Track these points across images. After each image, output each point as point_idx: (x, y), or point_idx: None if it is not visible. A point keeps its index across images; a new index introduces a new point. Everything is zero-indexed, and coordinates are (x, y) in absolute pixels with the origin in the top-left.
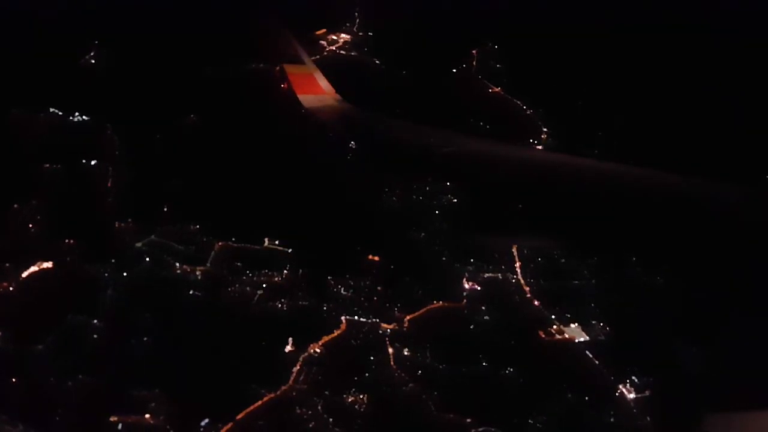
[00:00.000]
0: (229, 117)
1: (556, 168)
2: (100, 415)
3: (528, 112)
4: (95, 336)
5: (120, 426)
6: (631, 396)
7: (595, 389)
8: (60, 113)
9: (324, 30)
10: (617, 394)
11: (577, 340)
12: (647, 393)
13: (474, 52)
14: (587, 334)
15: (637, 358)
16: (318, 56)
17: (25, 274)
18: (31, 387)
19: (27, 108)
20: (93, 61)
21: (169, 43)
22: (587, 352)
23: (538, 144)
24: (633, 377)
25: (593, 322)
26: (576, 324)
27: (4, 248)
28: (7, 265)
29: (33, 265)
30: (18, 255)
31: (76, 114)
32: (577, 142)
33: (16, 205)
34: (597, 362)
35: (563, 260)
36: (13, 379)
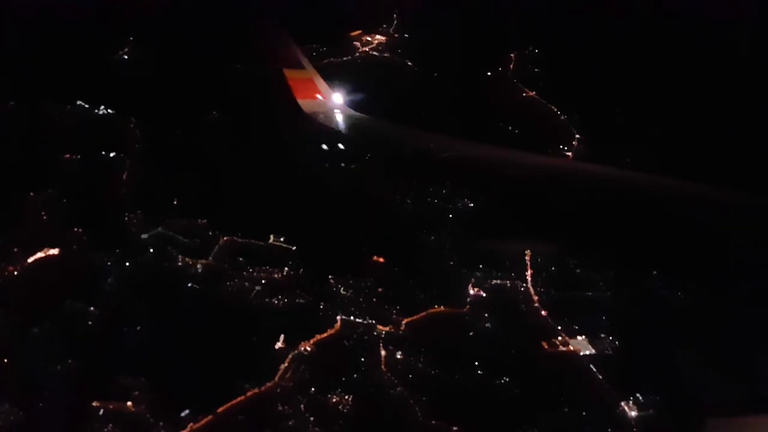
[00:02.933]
0: (246, 117)
1: (560, 173)
2: (83, 400)
3: (562, 118)
4: (90, 323)
5: (101, 411)
6: (633, 414)
7: (594, 405)
8: (87, 106)
9: (359, 31)
10: (618, 411)
11: (582, 353)
12: (650, 412)
13: (512, 55)
14: (594, 348)
15: (644, 376)
16: (350, 57)
17: (31, 260)
18: (22, 368)
19: (57, 100)
20: (126, 57)
21: (193, 43)
22: (591, 366)
23: (568, 150)
24: (637, 395)
25: (602, 335)
26: (583, 336)
27: (15, 234)
28: (16, 250)
29: (40, 251)
30: (28, 241)
31: (102, 108)
32: (610, 150)
33: (32, 193)
34: (600, 377)
35: (578, 270)
36: (5, 360)
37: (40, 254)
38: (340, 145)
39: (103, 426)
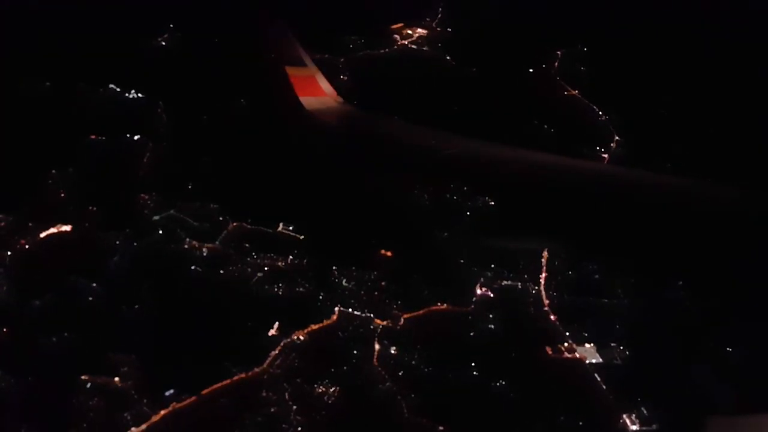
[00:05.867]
0: (272, 108)
1: (562, 172)
2: (73, 372)
3: (603, 118)
4: (90, 298)
5: (89, 384)
6: (634, 428)
7: (594, 415)
8: (118, 89)
9: (401, 24)
10: (619, 423)
11: (588, 361)
12: (653, 427)
13: (559, 53)
14: (601, 357)
15: (652, 389)
16: (387, 49)
17: (43, 234)
18: (19, 337)
19: (91, 82)
20: (164, 44)
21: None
22: (596, 375)
23: (605, 152)
24: (642, 408)
25: (613, 344)
26: (592, 344)
27: (32, 209)
28: (30, 224)
29: (53, 226)
30: (43, 216)
31: (133, 92)
32: (649, 153)
33: (53, 171)
34: (605, 387)
35: (597, 276)
36: (5, 329)
37: (52, 230)
38: (342, 142)
39: (88, 398)
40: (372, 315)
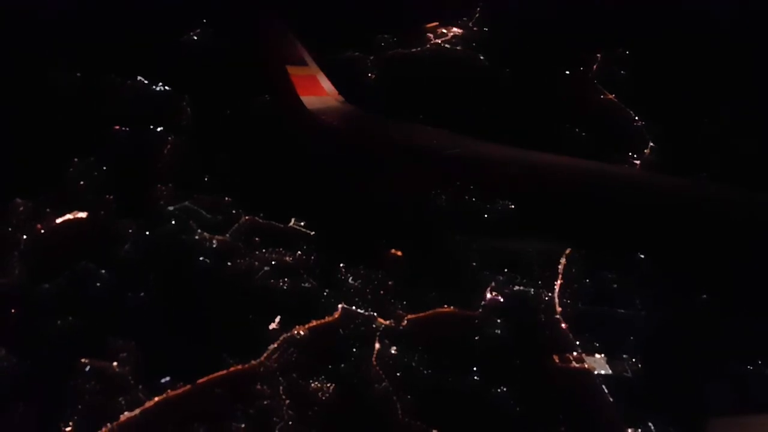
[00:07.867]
0: (286, 104)
1: (580, 175)
2: (73, 355)
3: (638, 124)
4: (98, 284)
5: (87, 368)
6: None
7: (596, 428)
8: (146, 82)
9: (436, 23)
10: None
11: (596, 372)
12: None
13: (598, 55)
14: (611, 369)
15: (662, 404)
16: (419, 48)
17: (59, 221)
18: (26, 319)
19: (120, 74)
20: (195, 39)
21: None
22: (603, 387)
23: (638, 158)
24: (649, 423)
25: (624, 356)
26: (602, 355)
27: (51, 195)
28: (48, 210)
29: (69, 213)
30: (60, 203)
31: (160, 84)
32: (685, 161)
33: (75, 159)
34: (611, 399)
35: (615, 285)
36: (13, 309)
37: (68, 216)
38: (342, 142)
39: (85, 382)
40: (375, 314)
